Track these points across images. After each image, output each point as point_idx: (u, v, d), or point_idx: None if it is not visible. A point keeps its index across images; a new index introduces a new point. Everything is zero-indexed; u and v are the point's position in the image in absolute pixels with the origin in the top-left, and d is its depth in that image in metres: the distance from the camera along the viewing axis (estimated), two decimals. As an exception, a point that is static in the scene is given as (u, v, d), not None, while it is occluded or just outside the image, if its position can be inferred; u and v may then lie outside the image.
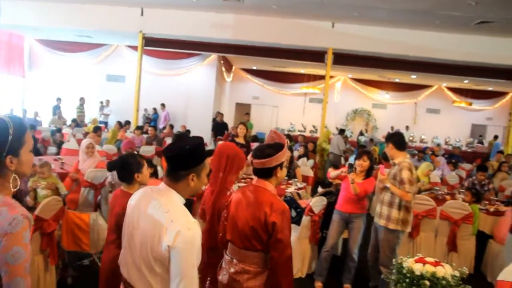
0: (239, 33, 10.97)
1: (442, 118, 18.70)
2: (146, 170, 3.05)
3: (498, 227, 5.54)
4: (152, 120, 14.55)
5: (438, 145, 15.93)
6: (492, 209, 6.10)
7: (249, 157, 2.59)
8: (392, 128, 17.77)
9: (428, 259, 2.69)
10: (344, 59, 11.31)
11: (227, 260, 2.58)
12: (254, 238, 2.42)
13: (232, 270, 2.51)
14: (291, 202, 5.30)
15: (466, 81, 15.78)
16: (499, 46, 10.68)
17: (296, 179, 6.53)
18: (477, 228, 5.62)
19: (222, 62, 15.32)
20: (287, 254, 2.37)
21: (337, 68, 12.36)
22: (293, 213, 5.08)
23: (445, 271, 2.57)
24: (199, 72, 14.99)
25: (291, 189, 5.78)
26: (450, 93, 18.37)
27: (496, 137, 16.69)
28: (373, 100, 18.65)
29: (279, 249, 2.36)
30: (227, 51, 12.75)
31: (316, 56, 11.42)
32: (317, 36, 10.86)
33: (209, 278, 2.87)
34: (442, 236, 5.53)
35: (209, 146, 11.43)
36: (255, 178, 2.57)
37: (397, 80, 17.74)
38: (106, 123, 14.16)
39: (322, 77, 14.31)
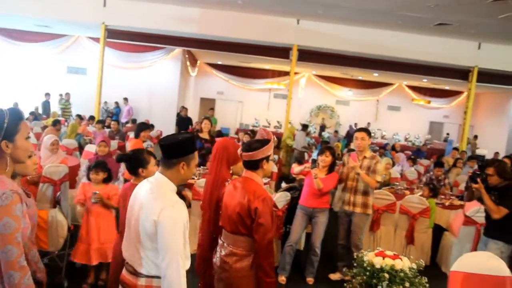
0: (204, 28, 10.89)
1: (402, 115, 19.27)
2: (152, 167, 3.14)
3: (455, 219, 5.79)
4: (114, 114, 14.22)
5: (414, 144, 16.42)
6: (447, 203, 6.35)
7: (239, 150, 2.85)
8: (355, 124, 18.17)
9: (387, 252, 2.79)
10: (308, 55, 11.43)
11: (220, 244, 2.81)
12: (239, 223, 2.64)
13: (223, 253, 2.73)
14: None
15: (425, 80, 16.31)
16: (456, 48, 11.11)
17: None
18: (434, 221, 5.86)
19: (186, 56, 15.16)
20: (268, 238, 2.57)
21: (301, 64, 12.47)
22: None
23: (403, 263, 2.67)
24: (163, 66, 14.77)
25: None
26: (410, 91, 18.95)
27: (447, 134, 17.45)
28: (337, 97, 18.97)
29: (261, 232, 2.56)
30: (192, 45, 12.61)
31: (281, 52, 11.49)
32: (282, 32, 10.94)
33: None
34: (401, 229, 5.72)
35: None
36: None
37: (359, 78, 18.12)
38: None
39: (286, 73, 14.43)
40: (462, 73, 11.89)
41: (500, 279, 2.76)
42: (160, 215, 1.94)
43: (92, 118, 11.03)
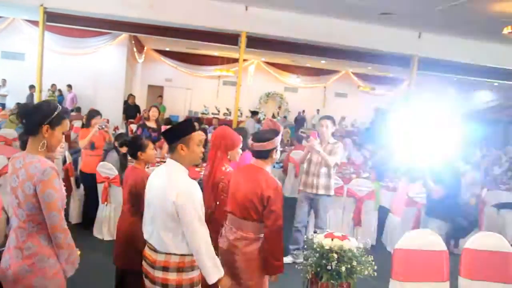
0: (151, 13, 10.57)
1: (349, 102, 19.81)
2: (150, 150, 3.51)
3: (394, 200, 6.08)
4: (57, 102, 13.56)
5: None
6: (391, 185, 6.65)
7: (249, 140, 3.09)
8: (303, 111, 18.49)
9: (336, 234, 2.89)
10: (257, 42, 11.43)
11: (227, 229, 2.99)
12: (251, 209, 2.84)
13: (231, 237, 2.91)
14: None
15: (369, 68, 16.84)
16: (398, 36, 11.52)
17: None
18: (379, 203, 6.12)
19: (133, 42, 14.69)
20: (279, 224, 2.81)
21: (250, 51, 12.47)
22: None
23: (351, 244, 2.78)
24: (109, 52, 14.22)
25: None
26: (356, 78, 19.49)
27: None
28: (285, 84, 19.17)
29: (272, 218, 2.78)
30: (138, 30, 12.21)
31: (230, 39, 11.40)
32: (231, 18, 10.84)
33: None
34: (349, 212, 5.93)
35: (121, 129, 10.97)
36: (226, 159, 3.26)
37: (307, 65, 18.40)
38: (3, 105, 12.93)
39: (235, 60, 14.38)
40: (404, 61, 12.37)
41: (437, 253, 2.98)
42: (178, 196, 2.21)
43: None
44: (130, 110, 12.88)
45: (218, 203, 3.18)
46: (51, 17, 10.65)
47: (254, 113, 12.22)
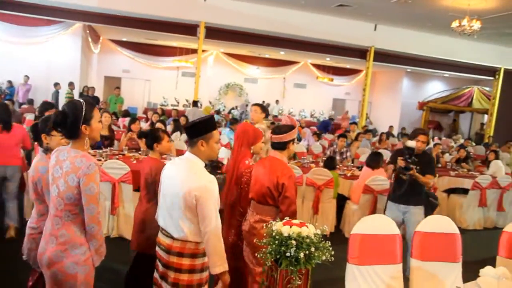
0: (107, 1, 10.28)
1: (308, 93, 20.09)
2: (166, 143, 3.68)
3: (354, 188, 6.27)
4: (8, 94, 12.96)
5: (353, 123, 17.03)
6: (349, 174, 6.85)
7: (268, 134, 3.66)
8: (263, 102, 18.56)
9: (294, 221, 2.96)
10: (216, 33, 11.38)
11: (249, 213, 3.36)
12: (268, 195, 3.19)
13: (252, 220, 3.28)
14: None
15: (328, 59, 17.12)
16: (355, 28, 11.78)
17: (170, 154, 6.49)
18: (337, 192, 6.29)
19: (88, 31, 14.20)
20: (292, 209, 3.11)
21: (209, 42, 12.39)
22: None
23: (309, 230, 2.85)
24: (62, 42, 13.68)
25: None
26: (314, 69, 19.76)
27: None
28: (245, 75, 19.15)
29: (286, 204, 3.11)
30: (92, 20, 11.83)
31: (188, 29, 11.29)
32: (189, 9, 10.73)
33: (233, 230, 3.58)
34: (308, 200, 6.06)
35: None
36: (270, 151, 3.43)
37: (267, 56, 18.47)
38: None
39: (194, 51, 14.20)
40: (360, 53, 12.68)
41: (391, 236, 3.11)
42: (200, 190, 2.37)
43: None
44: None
45: (243, 194, 3.51)
46: (0, 4, 10.17)
47: (194, 103, 12.13)
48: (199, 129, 2.52)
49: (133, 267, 3.52)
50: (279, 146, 3.27)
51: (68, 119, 2.22)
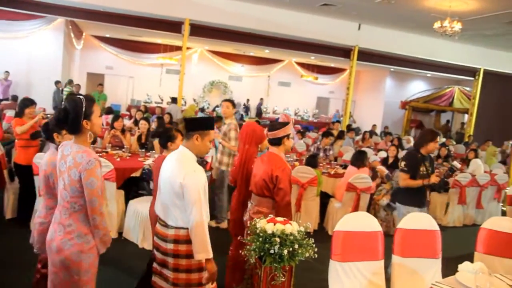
0: (90, -3, 10.12)
1: (292, 91, 20.16)
2: (179, 141, 3.73)
3: (339, 186, 6.33)
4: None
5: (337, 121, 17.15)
6: (332, 172, 6.91)
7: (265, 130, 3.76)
8: (247, 100, 18.58)
9: (278, 218, 2.99)
10: (200, 30, 11.31)
11: (250, 205, 3.61)
12: (264, 187, 3.42)
13: (251, 211, 3.53)
14: (149, 174, 5.26)
15: (312, 57, 17.20)
16: (339, 27, 11.86)
17: (154, 151, 6.46)
18: (320, 189, 6.34)
19: (70, 27, 13.97)
20: (286, 200, 3.36)
21: (194, 39, 12.31)
22: (152, 185, 5.06)
23: (293, 228, 2.89)
24: (44, 37, 13.42)
25: (149, 161, 5.71)
26: (299, 68, 19.84)
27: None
28: (230, 73, 19.11)
29: (280, 195, 3.35)
30: (75, 15, 11.59)
31: (173, 26, 11.20)
32: (174, 5, 10.65)
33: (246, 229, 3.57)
34: (292, 198, 6.07)
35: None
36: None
37: (251, 54, 18.46)
38: None
39: (179, 48, 14.10)
40: (344, 52, 12.76)
41: (373, 233, 3.17)
42: (184, 178, 2.51)
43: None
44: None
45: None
46: (-22, -2, 9.95)
47: (173, 100, 12.09)
48: (199, 124, 2.71)
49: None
50: (275, 142, 3.51)
51: (69, 115, 2.34)
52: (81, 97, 2.40)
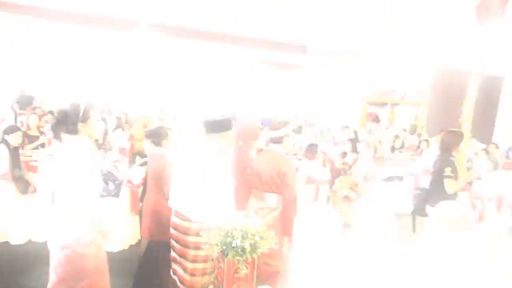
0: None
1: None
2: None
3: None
4: None
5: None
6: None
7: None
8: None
9: (238, 212, 3.02)
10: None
11: (252, 202, 3.68)
12: (271, 183, 3.57)
13: (255, 207, 3.60)
14: (109, 175, 5.17)
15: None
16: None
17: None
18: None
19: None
20: (294, 194, 3.53)
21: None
22: (112, 186, 4.98)
23: (254, 220, 2.93)
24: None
25: (107, 162, 5.59)
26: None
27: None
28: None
29: (288, 190, 3.51)
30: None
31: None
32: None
33: None
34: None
35: (8, 121, 9.90)
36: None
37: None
38: None
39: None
40: (300, 48, 12.92)
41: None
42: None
43: None
44: (24, 99, 11.61)
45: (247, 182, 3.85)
46: None
47: None
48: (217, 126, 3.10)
49: (148, 253, 3.86)
50: (275, 141, 3.68)
51: (68, 118, 2.64)
52: (79, 103, 2.75)
